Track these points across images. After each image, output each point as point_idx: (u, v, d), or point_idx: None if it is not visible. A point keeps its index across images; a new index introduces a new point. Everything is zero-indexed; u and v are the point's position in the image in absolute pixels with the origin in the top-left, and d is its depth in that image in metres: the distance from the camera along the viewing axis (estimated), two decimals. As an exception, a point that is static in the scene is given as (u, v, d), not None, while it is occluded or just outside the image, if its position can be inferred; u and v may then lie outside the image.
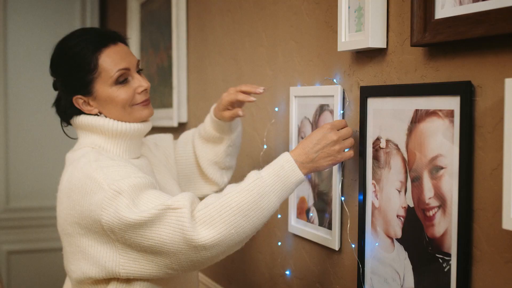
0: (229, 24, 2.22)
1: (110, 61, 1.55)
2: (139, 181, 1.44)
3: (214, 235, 1.35)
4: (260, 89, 1.62)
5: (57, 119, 1.69)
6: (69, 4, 4.04)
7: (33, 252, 3.98)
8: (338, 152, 1.42)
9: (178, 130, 2.74)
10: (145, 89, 1.60)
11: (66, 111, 1.63)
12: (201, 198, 1.66)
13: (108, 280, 1.51)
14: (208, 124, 1.77)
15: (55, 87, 1.66)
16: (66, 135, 1.71)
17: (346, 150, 1.44)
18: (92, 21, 4.08)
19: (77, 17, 4.05)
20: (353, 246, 1.51)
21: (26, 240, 3.97)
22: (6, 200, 3.94)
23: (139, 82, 1.59)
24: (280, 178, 1.40)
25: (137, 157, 1.65)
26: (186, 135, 1.90)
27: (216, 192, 1.80)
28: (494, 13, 1.05)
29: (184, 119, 2.68)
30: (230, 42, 2.21)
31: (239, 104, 1.69)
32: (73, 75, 1.57)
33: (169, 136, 1.89)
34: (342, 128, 1.44)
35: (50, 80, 1.68)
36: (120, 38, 1.63)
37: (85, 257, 1.49)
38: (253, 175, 1.41)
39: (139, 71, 1.62)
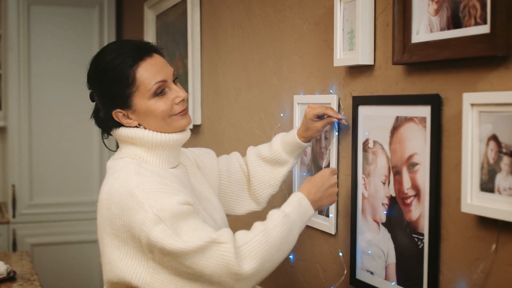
0: (240, 38, 2.40)
1: (147, 74, 1.52)
2: (182, 209, 1.43)
3: (254, 267, 1.40)
4: (343, 121, 1.70)
5: (78, 119, 1.72)
6: (87, 15, 4.30)
7: (55, 244, 4.22)
8: (335, 193, 1.61)
9: (192, 132, 2.92)
10: (183, 99, 1.57)
11: (106, 124, 1.61)
12: (234, 216, 1.81)
13: None
14: (279, 146, 1.75)
15: (92, 98, 1.64)
16: (106, 147, 1.76)
17: None
18: (109, 30, 4.33)
19: (95, 27, 4.31)
20: (336, 232, 1.76)
21: (48, 233, 4.21)
22: (30, 196, 4.18)
23: (177, 93, 1.56)
24: (299, 214, 1.51)
25: (175, 166, 1.62)
26: (229, 156, 1.88)
27: (253, 211, 1.86)
28: (455, 40, 1.29)
29: (198, 121, 2.86)
30: (241, 54, 2.39)
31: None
32: (111, 90, 1.54)
33: (212, 151, 1.87)
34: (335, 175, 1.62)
35: (70, 83, 1.74)
36: (155, 49, 1.59)
37: (113, 269, 1.49)
38: (278, 213, 1.48)
39: (174, 81, 1.59)
